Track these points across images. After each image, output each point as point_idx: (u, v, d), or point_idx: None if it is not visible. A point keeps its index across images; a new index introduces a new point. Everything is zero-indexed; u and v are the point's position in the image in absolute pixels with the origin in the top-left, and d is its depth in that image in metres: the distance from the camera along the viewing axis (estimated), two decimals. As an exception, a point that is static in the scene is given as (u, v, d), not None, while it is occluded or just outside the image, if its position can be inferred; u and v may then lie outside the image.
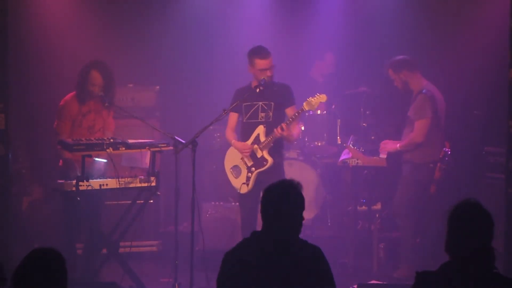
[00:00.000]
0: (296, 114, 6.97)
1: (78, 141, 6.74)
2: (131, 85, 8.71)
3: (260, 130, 7.03)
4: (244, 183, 7.04)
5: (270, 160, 7.00)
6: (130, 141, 6.89)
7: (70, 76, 7.71)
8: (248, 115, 7.08)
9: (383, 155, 7.79)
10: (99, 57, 7.41)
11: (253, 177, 7.03)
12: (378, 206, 8.23)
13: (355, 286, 6.83)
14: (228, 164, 7.23)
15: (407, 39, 8.84)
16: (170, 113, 9.06)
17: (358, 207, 8.09)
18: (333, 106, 8.85)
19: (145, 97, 8.81)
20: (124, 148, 6.80)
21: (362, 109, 8.56)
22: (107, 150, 6.70)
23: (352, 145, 7.92)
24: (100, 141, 6.76)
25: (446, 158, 7.59)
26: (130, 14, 9.12)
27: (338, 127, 8.83)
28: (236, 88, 7.20)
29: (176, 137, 6.73)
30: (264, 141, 7.00)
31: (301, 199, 3.91)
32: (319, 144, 9.02)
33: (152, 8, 9.24)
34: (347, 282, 7.22)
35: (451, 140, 7.72)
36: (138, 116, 7.21)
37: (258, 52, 7.02)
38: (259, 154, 7.02)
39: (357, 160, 7.79)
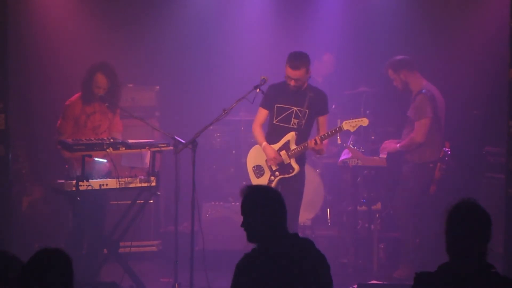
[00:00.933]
0: (333, 131, 6.86)
1: (78, 141, 6.72)
2: (131, 85, 8.70)
3: (291, 136, 6.89)
4: None
5: (297, 168, 6.90)
6: (130, 141, 6.88)
7: (70, 76, 7.71)
8: (279, 118, 6.93)
9: (383, 155, 7.80)
10: (99, 57, 7.40)
11: (275, 181, 6.92)
12: (378, 206, 8.22)
13: (355, 286, 6.83)
14: (251, 162, 7.12)
15: (406, 39, 8.84)
16: (170, 113, 9.05)
17: (358, 207, 8.08)
18: (333, 106, 8.84)
19: (145, 97, 8.81)
20: (124, 148, 6.78)
21: (362, 109, 8.57)
22: (107, 150, 6.69)
23: (352, 145, 7.92)
24: (100, 141, 6.74)
25: (446, 158, 7.60)
26: (130, 14, 9.12)
27: (338, 127, 8.80)
28: (270, 83, 6.92)
29: (176, 137, 6.71)
30: (294, 149, 6.88)
31: (278, 193, 4.01)
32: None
33: (152, 8, 9.24)
34: (347, 282, 7.23)
35: (451, 140, 7.72)
36: (138, 116, 7.18)
37: (291, 60, 6.77)
38: (286, 161, 6.90)
39: (357, 160, 7.79)
